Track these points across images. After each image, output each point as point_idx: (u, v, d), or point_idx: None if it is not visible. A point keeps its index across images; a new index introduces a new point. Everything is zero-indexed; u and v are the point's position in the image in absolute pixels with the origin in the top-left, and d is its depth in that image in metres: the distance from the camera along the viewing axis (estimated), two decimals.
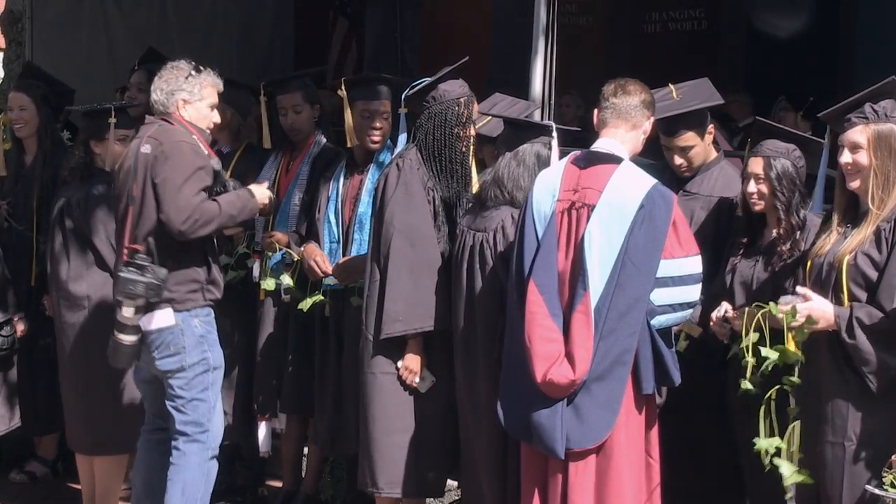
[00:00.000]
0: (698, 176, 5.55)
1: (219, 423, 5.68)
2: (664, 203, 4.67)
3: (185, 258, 5.47)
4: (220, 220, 5.43)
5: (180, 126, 5.55)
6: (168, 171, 5.38)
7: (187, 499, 5.53)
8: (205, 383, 5.54)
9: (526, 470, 4.87)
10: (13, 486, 7.10)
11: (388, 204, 5.42)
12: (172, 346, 5.47)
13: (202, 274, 5.53)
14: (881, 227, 4.50)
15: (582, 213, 4.69)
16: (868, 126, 4.54)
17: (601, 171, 4.73)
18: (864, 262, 4.50)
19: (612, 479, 4.68)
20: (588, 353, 4.58)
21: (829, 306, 4.49)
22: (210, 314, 5.60)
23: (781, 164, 5.04)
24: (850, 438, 4.50)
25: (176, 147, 5.43)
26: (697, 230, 5.38)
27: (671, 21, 11.90)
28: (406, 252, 5.35)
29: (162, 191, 5.37)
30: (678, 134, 5.46)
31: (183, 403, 5.53)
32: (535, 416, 4.67)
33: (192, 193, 5.36)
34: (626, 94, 4.83)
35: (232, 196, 5.54)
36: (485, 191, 5.22)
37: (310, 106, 6.53)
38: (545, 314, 4.64)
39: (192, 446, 5.55)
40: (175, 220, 5.32)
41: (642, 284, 4.61)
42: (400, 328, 5.34)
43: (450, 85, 5.50)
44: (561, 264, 4.71)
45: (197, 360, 5.50)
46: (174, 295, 5.44)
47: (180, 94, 5.57)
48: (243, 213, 5.57)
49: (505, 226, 5.14)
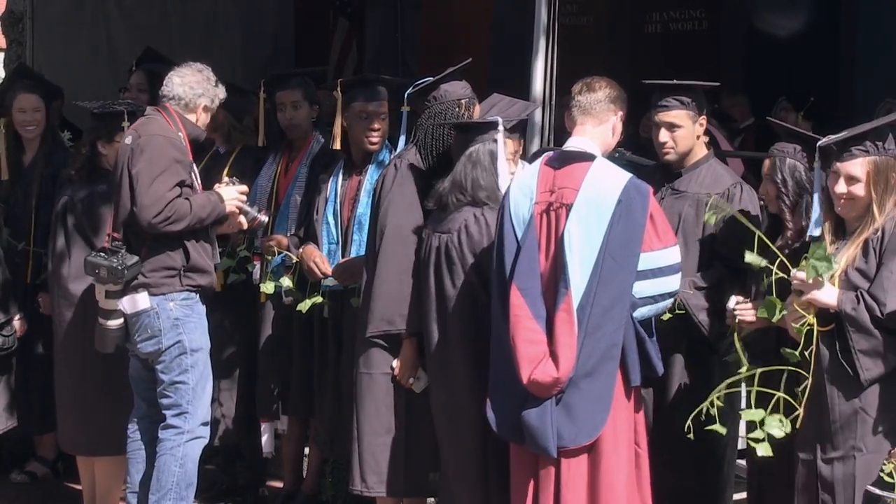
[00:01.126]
0: (686, 174, 5.53)
1: (203, 406, 5.74)
2: (640, 197, 4.72)
3: (159, 245, 5.59)
4: (189, 220, 5.54)
5: (169, 120, 5.65)
6: (142, 164, 5.51)
7: (161, 485, 5.65)
8: (182, 366, 5.65)
9: (516, 471, 4.89)
10: (13, 487, 7.10)
11: (383, 204, 5.44)
12: (149, 328, 5.62)
13: (178, 260, 5.62)
14: (869, 239, 4.51)
15: (560, 213, 4.74)
16: (867, 159, 4.53)
17: (576, 170, 4.78)
18: (855, 276, 4.50)
19: (605, 475, 4.72)
20: (572, 352, 4.62)
21: (833, 291, 4.48)
22: (189, 298, 5.68)
23: (788, 166, 5.01)
24: (860, 449, 4.49)
25: (152, 140, 5.55)
26: (686, 228, 5.39)
27: (672, 21, 11.89)
28: (396, 252, 5.37)
29: (136, 183, 5.50)
30: (667, 107, 5.43)
31: (165, 387, 5.67)
32: (526, 417, 4.70)
33: (165, 188, 5.47)
34: (591, 90, 4.93)
35: (203, 198, 5.64)
36: (445, 196, 5.23)
37: (308, 104, 6.54)
38: (528, 316, 4.69)
39: (168, 432, 5.68)
40: (145, 214, 5.46)
41: (625, 279, 4.68)
42: (383, 327, 5.36)
43: (452, 86, 5.50)
44: (542, 265, 4.75)
45: (172, 343, 5.62)
46: (149, 280, 5.60)
47: (204, 99, 5.76)
48: (211, 216, 5.66)
49: (468, 225, 5.16)
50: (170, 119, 5.68)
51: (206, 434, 5.79)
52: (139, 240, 5.60)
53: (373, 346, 5.44)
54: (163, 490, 5.64)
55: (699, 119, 5.48)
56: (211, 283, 5.81)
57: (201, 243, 5.70)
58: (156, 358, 5.67)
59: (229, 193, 5.76)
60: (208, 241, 5.77)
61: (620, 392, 4.75)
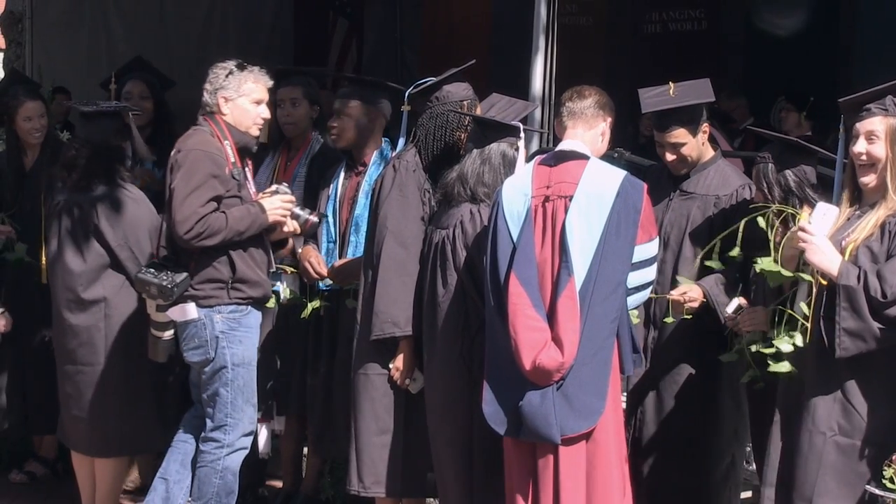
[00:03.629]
0: (694, 176, 5.55)
1: (244, 419, 5.74)
2: (637, 192, 4.83)
3: (206, 258, 5.58)
4: (225, 234, 5.51)
5: (216, 129, 5.63)
6: (178, 179, 5.50)
7: (202, 493, 5.71)
8: (223, 379, 5.65)
9: (512, 465, 4.91)
10: (13, 487, 7.10)
11: (383, 205, 5.44)
12: (196, 339, 5.63)
13: (225, 273, 5.59)
14: (888, 221, 4.50)
15: (558, 205, 4.81)
16: (886, 118, 4.53)
17: (572, 167, 4.88)
18: (864, 254, 4.50)
19: (601, 463, 4.77)
20: (575, 336, 4.68)
21: (837, 259, 4.49)
22: (238, 311, 5.65)
23: (772, 171, 5.08)
24: (833, 429, 4.51)
25: (189, 154, 5.53)
26: (694, 229, 5.45)
27: (671, 21, 11.91)
28: (397, 254, 5.37)
29: (171, 198, 5.50)
30: (669, 129, 5.46)
31: (208, 396, 5.70)
32: (526, 406, 4.73)
33: (198, 203, 5.45)
34: (581, 97, 5.03)
35: (242, 211, 5.59)
36: (450, 187, 5.26)
37: (308, 103, 6.52)
38: (528, 304, 4.74)
39: (208, 444, 5.71)
40: (179, 229, 5.46)
41: (622, 271, 4.78)
42: (389, 330, 5.37)
43: (454, 87, 5.51)
44: (539, 256, 4.81)
45: (216, 356, 5.63)
46: (197, 292, 5.59)
47: (222, 91, 5.68)
48: (251, 228, 5.60)
49: (463, 221, 5.19)
50: (217, 128, 5.64)
51: (247, 445, 5.79)
52: (187, 254, 5.59)
53: (370, 347, 5.44)
54: (204, 499, 5.71)
55: (701, 128, 5.51)
56: (264, 295, 5.76)
57: (250, 253, 5.64)
58: (201, 368, 5.69)
59: (272, 203, 5.70)
60: (262, 250, 5.71)
61: (616, 380, 4.83)
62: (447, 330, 5.20)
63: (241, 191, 5.65)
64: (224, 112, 5.67)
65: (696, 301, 5.28)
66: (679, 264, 5.45)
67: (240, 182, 5.65)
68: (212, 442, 5.71)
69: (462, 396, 5.14)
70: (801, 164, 5.09)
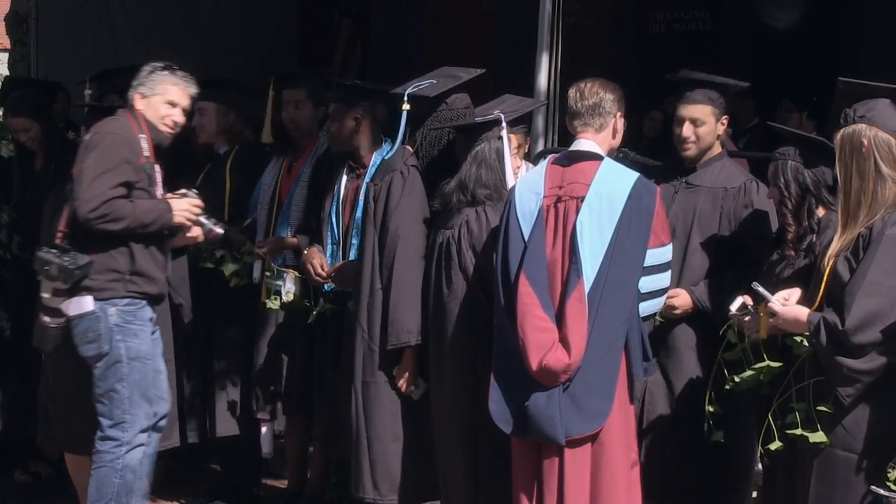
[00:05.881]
0: (700, 170, 5.51)
1: (141, 414, 5.60)
2: (649, 194, 4.83)
3: (105, 246, 5.50)
4: (129, 222, 5.45)
5: (134, 122, 5.62)
6: (91, 159, 5.46)
7: (101, 495, 5.57)
8: (119, 374, 5.55)
9: (518, 465, 4.91)
10: (18, 486, 7.11)
11: (393, 213, 5.45)
12: (91, 332, 5.53)
13: (123, 263, 5.52)
14: (861, 234, 4.46)
15: (570, 206, 4.81)
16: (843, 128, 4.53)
17: (586, 167, 4.87)
18: (843, 266, 4.46)
19: (606, 466, 4.77)
20: (582, 338, 4.68)
21: (802, 313, 4.47)
22: (133, 305, 5.57)
23: (791, 168, 5.01)
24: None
25: (106, 137, 5.52)
26: (702, 221, 5.40)
27: (676, 22, 11.92)
28: (413, 263, 5.40)
29: (79, 178, 5.45)
30: (696, 102, 5.40)
31: (100, 393, 5.58)
32: (532, 406, 4.74)
33: (108, 185, 5.41)
34: (584, 98, 4.97)
35: (149, 204, 5.55)
36: (449, 196, 5.27)
37: (313, 104, 6.51)
38: (537, 305, 4.74)
39: (106, 444, 5.58)
40: (84, 208, 5.38)
41: (633, 273, 4.77)
42: (405, 339, 5.39)
43: (461, 95, 5.56)
44: (549, 257, 4.81)
45: (111, 349, 5.53)
46: (93, 283, 5.49)
47: (140, 87, 5.70)
48: (156, 223, 5.56)
49: (469, 221, 5.21)
50: (135, 121, 5.63)
51: (145, 440, 5.65)
52: (87, 238, 5.48)
53: (377, 355, 5.46)
54: (103, 500, 5.55)
55: (722, 118, 5.47)
56: (159, 293, 5.69)
57: (151, 250, 5.59)
58: (94, 363, 5.57)
59: (179, 205, 5.67)
60: (161, 251, 5.67)
61: (624, 385, 4.81)
62: (453, 330, 5.20)
63: (151, 187, 5.61)
64: (139, 107, 5.67)
65: (681, 309, 5.25)
66: (687, 254, 5.40)
67: (151, 177, 5.61)
68: (110, 441, 5.56)
69: (468, 396, 5.14)
70: (822, 164, 5.05)
